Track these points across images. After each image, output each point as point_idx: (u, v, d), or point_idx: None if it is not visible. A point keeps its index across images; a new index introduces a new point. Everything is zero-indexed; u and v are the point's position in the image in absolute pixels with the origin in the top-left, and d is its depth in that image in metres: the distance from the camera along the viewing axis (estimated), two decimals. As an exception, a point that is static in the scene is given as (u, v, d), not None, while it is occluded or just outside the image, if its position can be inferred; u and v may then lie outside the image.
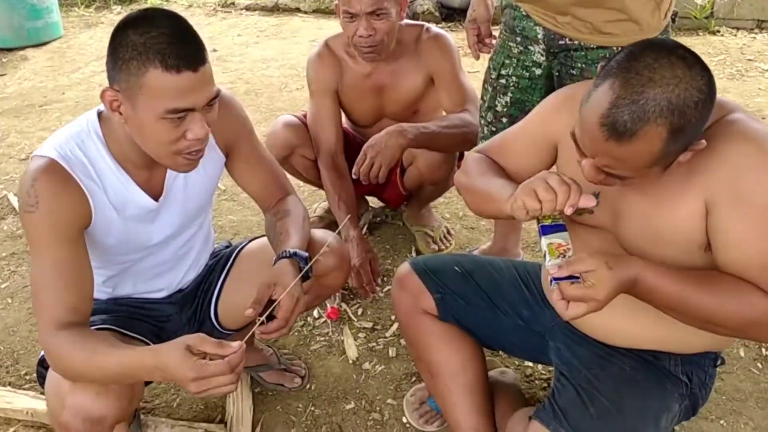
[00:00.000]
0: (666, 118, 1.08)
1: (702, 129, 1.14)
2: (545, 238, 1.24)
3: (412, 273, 1.66)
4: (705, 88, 1.10)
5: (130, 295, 1.65)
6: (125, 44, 1.24)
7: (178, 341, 1.23)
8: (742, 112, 1.23)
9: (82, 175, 1.37)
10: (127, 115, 1.30)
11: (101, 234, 1.44)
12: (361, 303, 2.31)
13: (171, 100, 1.25)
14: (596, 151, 1.16)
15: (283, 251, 1.48)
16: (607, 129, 1.11)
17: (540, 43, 1.89)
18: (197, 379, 1.18)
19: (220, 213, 2.84)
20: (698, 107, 1.09)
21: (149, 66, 1.23)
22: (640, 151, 1.11)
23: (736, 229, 1.17)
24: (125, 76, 1.25)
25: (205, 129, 1.31)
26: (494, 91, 2.06)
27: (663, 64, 1.09)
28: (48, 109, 3.95)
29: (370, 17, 2.10)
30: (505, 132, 1.59)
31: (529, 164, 1.48)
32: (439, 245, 2.58)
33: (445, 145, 2.24)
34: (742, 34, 4.79)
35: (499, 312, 1.61)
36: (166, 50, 1.22)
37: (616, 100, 1.10)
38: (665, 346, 1.40)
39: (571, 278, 1.17)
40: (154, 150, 1.34)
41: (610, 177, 1.20)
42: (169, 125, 1.28)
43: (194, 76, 1.25)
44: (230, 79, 4.29)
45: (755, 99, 3.82)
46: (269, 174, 1.68)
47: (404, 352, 2.07)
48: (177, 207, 1.54)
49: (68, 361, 1.29)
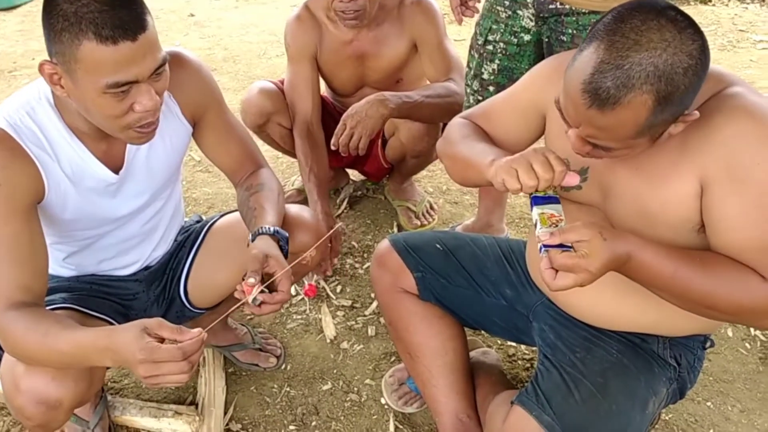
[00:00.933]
0: (652, 85, 1.00)
1: (693, 98, 1.06)
2: (537, 207, 1.17)
3: (392, 250, 1.60)
4: (696, 53, 1.01)
5: (95, 272, 1.57)
6: (56, 14, 1.13)
7: (136, 322, 1.15)
8: (742, 85, 1.14)
9: (32, 145, 1.27)
10: (69, 89, 1.20)
11: (57, 208, 1.35)
12: (340, 280, 2.23)
13: (110, 74, 1.14)
14: (579, 120, 1.09)
15: (262, 227, 1.39)
16: (590, 96, 1.04)
17: (529, 7, 1.79)
18: (146, 362, 1.10)
19: (194, 185, 2.74)
20: (688, 74, 1.01)
21: (82, 38, 1.12)
22: (625, 121, 1.04)
23: (732, 209, 1.10)
24: (60, 48, 1.15)
25: (154, 100, 1.21)
26: (481, 57, 1.97)
27: (651, 26, 1.00)
28: (17, 75, 3.81)
29: None
30: (492, 99, 1.51)
31: (517, 133, 1.41)
32: (421, 220, 2.51)
33: (428, 115, 2.15)
34: (734, 4, 4.72)
35: (481, 291, 1.56)
36: (99, 19, 1.11)
37: (600, 65, 1.02)
38: (653, 328, 1.35)
39: (562, 247, 1.09)
40: (103, 124, 1.25)
41: (597, 149, 1.13)
42: (112, 99, 1.18)
43: (134, 45, 1.14)
44: (208, 45, 4.16)
45: (746, 71, 3.76)
46: (240, 145, 1.59)
47: (384, 331, 2.01)
48: (140, 180, 1.45)
49: (20, 344, 1.21)
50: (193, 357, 1.12)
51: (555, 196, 1.18)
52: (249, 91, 2.34)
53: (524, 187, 1.12)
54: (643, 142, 1.09)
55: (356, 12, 2.05)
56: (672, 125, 1.08)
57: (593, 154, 1.15)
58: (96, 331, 1.20)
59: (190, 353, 1.11)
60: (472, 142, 1.35)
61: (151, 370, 1.10)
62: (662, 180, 1.17)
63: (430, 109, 2.12)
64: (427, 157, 2.39)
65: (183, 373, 1.11)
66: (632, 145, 1.10)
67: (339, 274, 2.26)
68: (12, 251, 1.23)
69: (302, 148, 2.23)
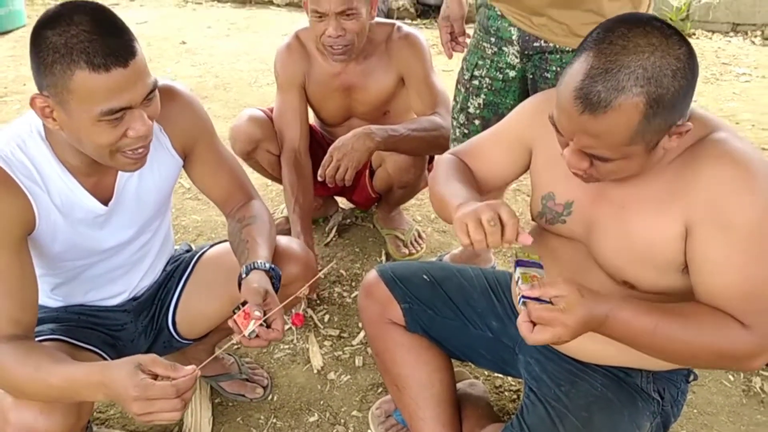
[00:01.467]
0: (642, 87, 1.03)
1: (685, 106, 1.08)
2: (520, 268, 1.20)
3: (380, 281, 1.61)
4: (683, 57, 1.04)
5: (82, 302, 1.57)
6: (46, 47, 1.15)
7: (130, 359, 1.16)
8: (726, 131, 1.17)
9: (23, 177, 1.28)
10: (62, 121, 1.21)
11: (46, 240, 1.35)
12: (328, 309, 2.24)
13: (104, 101, 1.16)
14: (573, 130, 1.11)
15: (256, 262, 1.40)
16: (581, 102, 1.06)
17: (514, 45, 1.83)
18: (140, 399, 1.10)
19: (183, 212, 2.75)
20: (677, 77, 1.04)
21: (74, 68, 1.14)
22: (617, 125, 1.05)
23: (715, 253, 1.12)
24: (51, 80, 1.16)
25: (147, 124, 1.23)
26: (467, 92, 2.00)
27: (638, 33, 1.04)
28: (8, 101, 3.82)
29: (339, 17, 2.03)
30: (479, 135, 1.54)
31: (501, 168, 1.44)
32: (410, 249, 2.52)
33: (414, 148, 2.18)
34: (718, 37, 4.81)
35: (467, 323, 1.57)
36: (90, 48, 1.13)
37: (590, 71, 1.05)
38: (637, 363, 1.36)
39: (540, 301, 1.12)
40: (95, 152, 1.26)
41: (593, 167, 1.15)
42: (107, 127, 1.20)
43: (125, 71, 1.16)
44: (199, 72, 4.19)
45: (729, 103, 3.82)
46: (231, 177, 1.60)
47: (371, 361, 2.01)
48: (129, 212, 1.46)
49: (11, 377, 1.21)
50: (186, 394, 1.12)
51: (539, 263, 1.21)
52: (238, 119, 2.36)
53: (474, 242, 1.13)
54: (639, 152, 1.10)
55: (344, 47, 2.08)
56: (666, 138, 1.10)
57: (590, 173, 1.17)
58: (89, 366, 1.20)
59: (183, 391, 1.12)
60: (451, 182, 1.38)
61: (144, 407, 1.11)
62: (649, 220, 1.19)
63: (416, 143, 2.15)
64: (413, 188, 2.42)
65: (176, 410, 1.11)
66: (628, 154, 1.10)
67: (327, 303, 2.26)
68: (2, 283, 1.24)
69: (289, 177, 2.25)
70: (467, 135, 2.07)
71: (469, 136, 2.07)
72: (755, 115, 3.66)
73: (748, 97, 3.90)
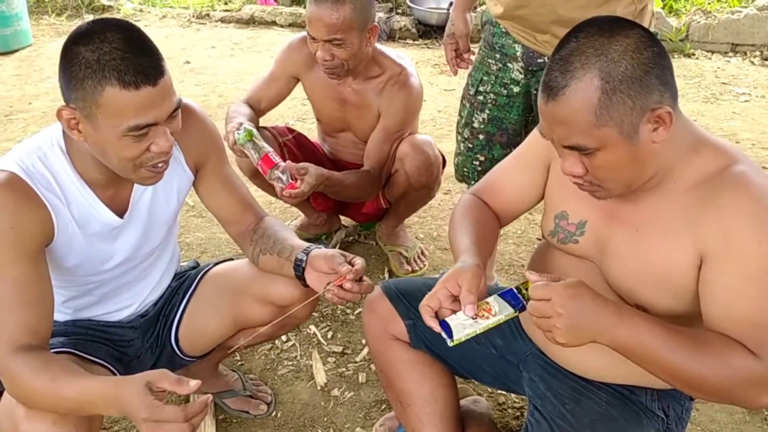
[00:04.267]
0: (593, 64, 1.08)
1: (651, 87, 1.09)
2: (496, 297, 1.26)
3: (384, 297, 1.61)
4: (634, 35, 1.09)
5: (90, 317, 1.58)
6: (78, 62, 1.19)
7: (140, 376, 1.17)
8: (747, 164, 1.17)
9: (44, 189, 1.31)
10: (87, 133, 1.25)
11: (62, 251, 1.38)
12: (331, 326, 2.24)
13: (132, 118, 1.20)
14: (549, 125, 1.15)
15: (309, 246, 1.50)
16: (544, 93, 1.13)
17: (519, 61, 1.86)
18: (149, 421, 1.12)
19: (187, 230, 2.76)
20: (627, 51, 1.08)
21: (105, 84, 1.18)
22: (579, 102, 1.09)
23: (730, 284, 1.12)
24: (81, 94, 1.20)
25: (170, 140, 1.27)
26: (472, 107, 2.02)
27: (591, 26, 1.12)
28: (13, 119, 3.84)
29: (327, 44, 2.07)
30: (496, 167, 1.57)
31: (523, 190, 1.48)
32: (413, 266, 2.53)
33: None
34: (717, 58, 4.84)
35: (471, 340, 1.56)
36: (122, 66, 1.17)
37: (549, 66, 1.13)
38: (641, 380, 1.35)
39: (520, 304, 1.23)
40: (118, 165, 1.30)
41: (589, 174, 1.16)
42: (131, 141, 1.24)
43: (154, 90, 1.20)
44: (203, 92, 4.22)
45: (730, 122, 3.84)
46: (240, 196, 1.62)
47: (374, 377, 2.01)
48: (141, 224, 1.49)
49: (26, 387, 1.22)
50: (195, 419, 1.14)
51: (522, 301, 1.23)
52: (244, 138, 2.38)
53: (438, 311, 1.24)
54: (617, 139, 1.10)
55: (333, 69, 2.12)
56: (646, 126, 1.10)
57: (589, 180, 1.18)
58: (102, 381, 1.22)
59: (191, 415, 1.13)
60: (460, 233, 1.42)
61: (153, 428, 1.12)
62: (662, 245, 1.20)
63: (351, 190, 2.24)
64: (429, 190, 2.40)
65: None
66: (605, 141, 1.11)
67: (330, 320, 2.26)
68: (22, 294, 1.25)
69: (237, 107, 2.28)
70: (471, 149, 2.09)
71: (473, 150, 2.09)
72: (755, 135, 3.67)
73: (748, 116, 3.93)
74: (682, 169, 1.19)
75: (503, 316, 1.21)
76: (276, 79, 2.35)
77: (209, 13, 5.68)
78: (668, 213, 1.18)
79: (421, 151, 2.24)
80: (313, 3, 2.06)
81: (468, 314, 1.19)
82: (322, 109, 2.39)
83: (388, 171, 2.36)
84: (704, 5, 5.08)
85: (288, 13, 5.48)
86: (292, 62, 2.32)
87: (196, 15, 5.66)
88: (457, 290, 1.22)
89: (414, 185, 2.33)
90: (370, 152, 2.29)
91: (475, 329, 1.20)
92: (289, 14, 5.47)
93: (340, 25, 2.03)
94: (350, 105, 2.29)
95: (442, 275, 2.36)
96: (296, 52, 2.31)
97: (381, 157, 2.28)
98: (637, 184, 1.19)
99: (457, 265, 1.28)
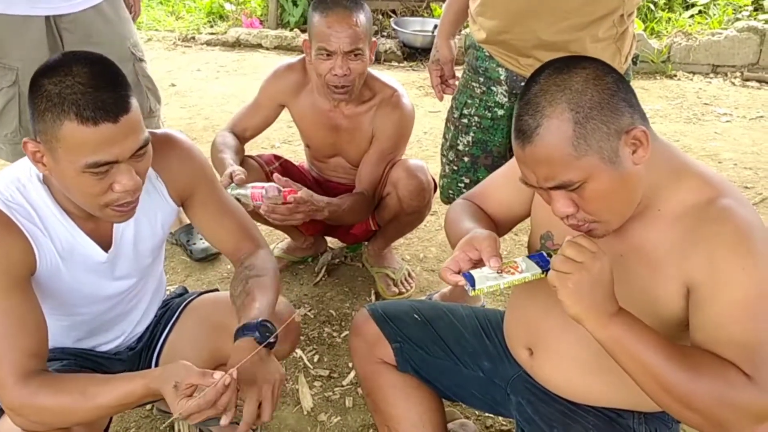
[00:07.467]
0: (559, 99, 1.10)
1: (622, 110, 1.11)
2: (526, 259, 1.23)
3: (370, 320, 1.60)
4: (590, 67, 1.12)
5: (78, 346, 1.55)
6: (41, 95, 1.17)
7: (168, 375, 1.21)
8: (734, 198, 1.17)
9: (24, 220, 1.29)
10: (51, 167, 1.23)
11: (46, 282, 1.35)
12: (318, 349, 2.22)
13: (91, 154, 1.18)
14: (530, 169, 1.15)
15: (247, 324, 1.36)
16: (518, 139, 1.14)
17: (503, 84, 1.87)
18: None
19: (173, 253, 2.73)
20: (589, 80, 1.10)
21: (64, 119, 1.16)
22: (555, 141, 1.10)
23: (719, 310, 1.11)
24: (42, 127, 1.19)
25: (134, 180, 1.24)
26: (456, 130, 2.03)
27: (548, 69, 1.15)
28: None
29: (347, 56, 2.06)
30: (488, 178, 1.58)
31: (512, 205, 1.49)
32: (399, 288, 2.51)
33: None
34: (698, 79, 4.91)
35: (459, 363, 1.56)
36: (81, 101, 1.15)
37: (517, 113, 1.14)
38: (628, 403, 1.35)
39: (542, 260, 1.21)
40: (81, 202, 1.28)
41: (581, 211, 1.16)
42: (92, 178, 1.21)
43: (114, 127, 1.17)
44: (189, 114, 4.21)
45: (712, 143, 3.89)
46: (236, 224, 1.58)
47: (362, 402, 1.99)
48: (128, 258, 1.47)
49: (53, 407, 1.22)
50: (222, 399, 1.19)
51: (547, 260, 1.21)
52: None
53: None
54: (600, 166, 1.10)
55: (347, 87, 2.11)
56: (625, 149, 1.11)
57: (583, 217, 1.17)
58: (130, 380, 1.25)
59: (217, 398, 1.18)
60: (460, 222, 1.42)
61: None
62: (646, 272, 1.20)
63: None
64: (420, 215, 2.40)
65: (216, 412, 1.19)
66: (589, 171, 1.10)
67: (316, 343, 2.24)
68: (15, 321, 1.24)
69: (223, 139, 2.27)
70: (456, 171, 2.10)
71: (458, 172, 2.10)
72: (737, 155, 3.72)
73: (730, 136, 3.98)
74: (666, 197, 1.19)
75: (529, 274, 1.19)
76: (261, 107, 2.35)
77: (195, 36, 5.70)
78: (654, 243, 1.19)
79: (414, 176, 2.24)
80: (327, 14, 2.03)
81: (493, 266, 1.18)
82: (313, 136, 2.37)
83: (379, 194, 2.36)
84: (685, 27, 5.16)
85: (273, 36, 5.50)
86: (278, 90, 2.32)
87: (182, 38, 5.67)
88: (476, 254, 1.21)
89: (406, 209, 2.33)
90: (363, 175, 2.29)
91: (498, 282, 1.18)
92: (275, 37, 5.49)
93: (361, 33, 2.03)
94: (342, 130, 2.29)
95: (430, 297, 2.39)
96: (282, 79, 2.30)
97: (374, 180, 2.28)
98: (630, 212, 1.19)
99: (469, 234, 1.26)
